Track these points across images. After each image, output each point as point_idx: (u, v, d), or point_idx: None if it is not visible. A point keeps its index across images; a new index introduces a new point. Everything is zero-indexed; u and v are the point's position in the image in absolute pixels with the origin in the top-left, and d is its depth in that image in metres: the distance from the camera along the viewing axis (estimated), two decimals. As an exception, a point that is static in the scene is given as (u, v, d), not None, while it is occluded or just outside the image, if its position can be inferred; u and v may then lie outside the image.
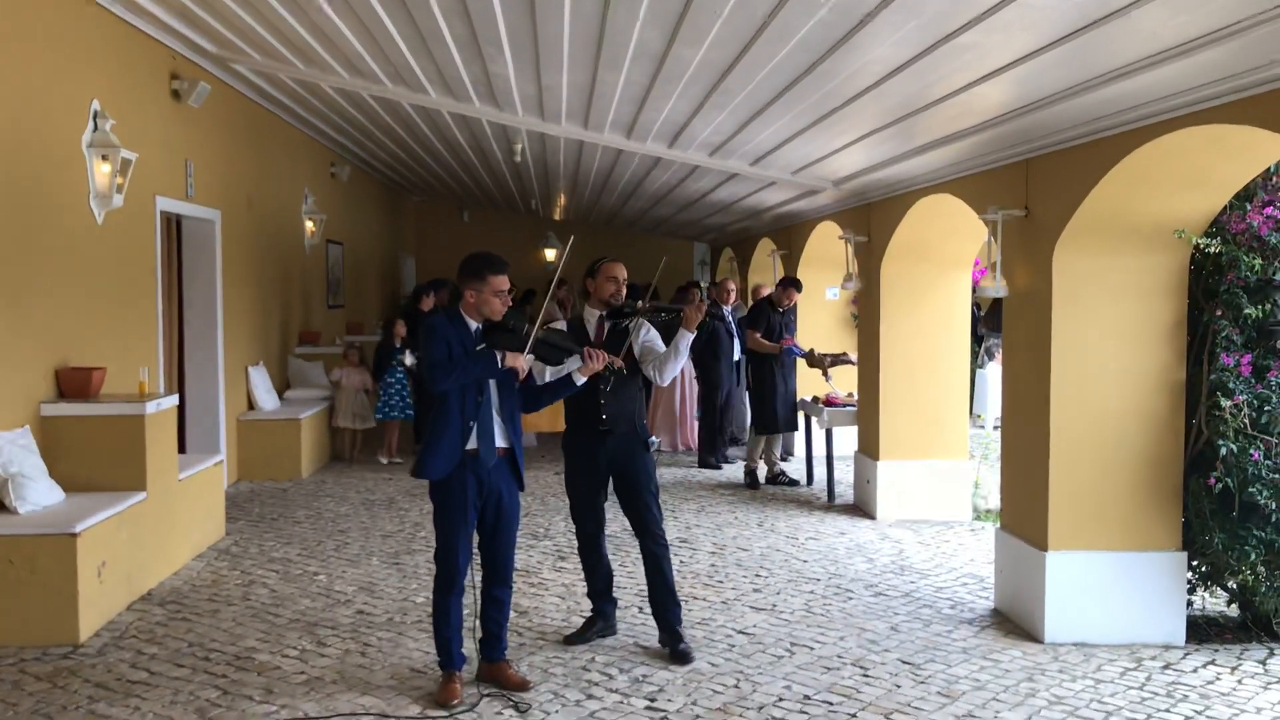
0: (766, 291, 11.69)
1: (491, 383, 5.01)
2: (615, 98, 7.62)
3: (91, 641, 5.81)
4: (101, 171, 7.11)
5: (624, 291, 5.82)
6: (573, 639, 5.85)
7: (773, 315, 10.80)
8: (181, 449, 8.99)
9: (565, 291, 17.67)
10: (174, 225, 9.48)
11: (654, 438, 5.95)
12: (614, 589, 6.06)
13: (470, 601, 5.22)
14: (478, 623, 5.26)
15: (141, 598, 6.61)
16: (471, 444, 4.96)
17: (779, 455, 11.12)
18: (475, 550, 5.15)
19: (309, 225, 13.15)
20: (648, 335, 5.81)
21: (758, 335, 10.70)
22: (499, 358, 4.91)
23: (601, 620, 5.96)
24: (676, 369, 5.71)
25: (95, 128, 7.09)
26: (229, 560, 7.56)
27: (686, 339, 5.58)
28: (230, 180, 10.22)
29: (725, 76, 6.35)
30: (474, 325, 5.04)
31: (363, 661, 5.55)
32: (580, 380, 5.23)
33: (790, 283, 10.97)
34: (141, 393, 7.04)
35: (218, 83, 9.56)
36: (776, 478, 10.81)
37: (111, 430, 6.64)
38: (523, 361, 4.99)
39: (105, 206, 7.24)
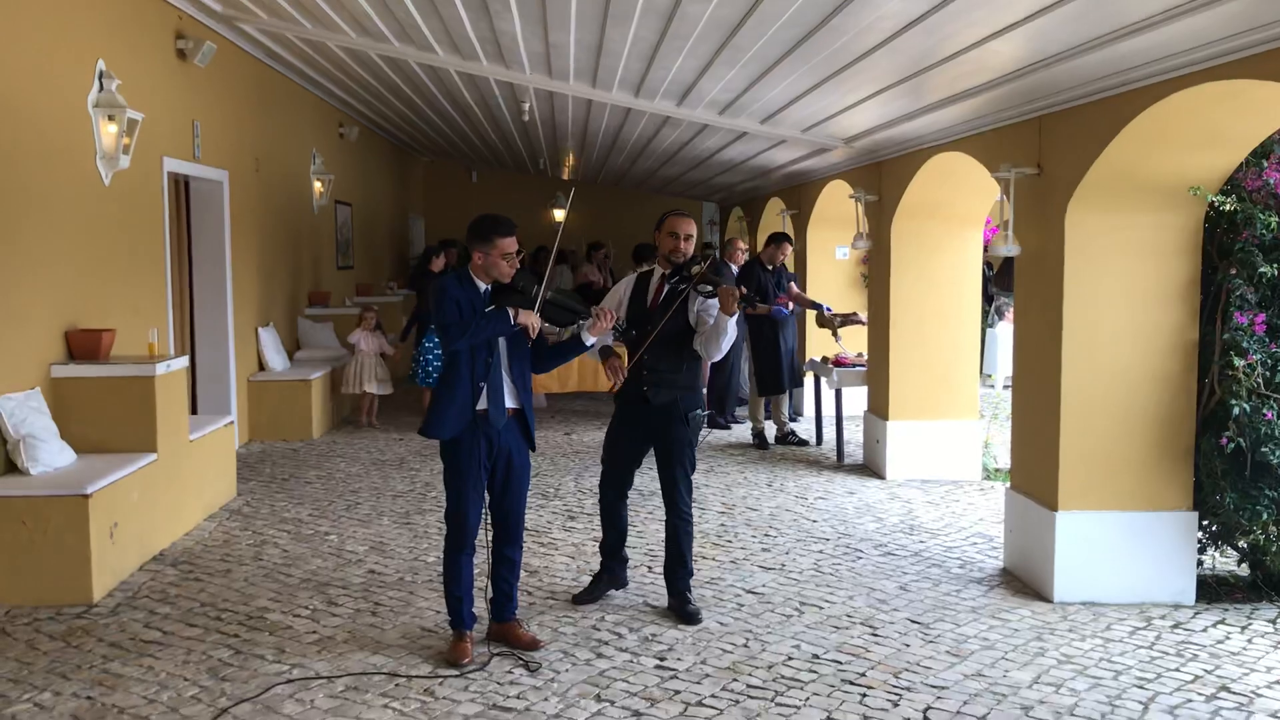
0: (742, 254, 11.59)
1: (501, 343, 4.99)
2: (623, 55, 7.55)
3: (105, 601, 5.86)
4: (108, 132, 7.07)
5: (685, 248, 5.60)
6: (581, 598, 5.87)
7: (763, 274, 10.66)
8: (192, 410, 9.04)
9: (605, 254, 17.57)
10: (182, 186, 9.45)
11: (701, 410, 5.76)
12: (625, 548, 6.04)
13: (481, 561, 5.24)
14: (488, 582, 5.28)
15: (154, 558, 6.65)
16: (481, 404, 4.96)
17: (788, 415, 11.11)
18: (486, 510, 5.17)
19: (317, 186, 13.12)
20: (704, 305, 5.56)
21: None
22: (511, 315, 4.90)
23: (608, 575, 5.95)
24: (721, 350, 5.50)
25: (101, 88, 7.05)
26: (241, 520, 7.60)
27: (727, 323, 5.37)
28: (238, 141, 10.18)
29: (735, 33, 6.28)
30: (483, 287, 5.02)
31: (374, 621, 5.58)
32: (590, 341, 5.21)
33: (780, 238, 10.80)
34: (151, 354, 7.05)
35: (224, 42, 9.50)
36: (786, 437, 10.80)
37: (122, 391, 6.65)
38: (535, 319, 4.97)
39: (112, 167, 7.21)
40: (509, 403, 5.04)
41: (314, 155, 13.08)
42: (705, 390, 11.86)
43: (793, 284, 10.93)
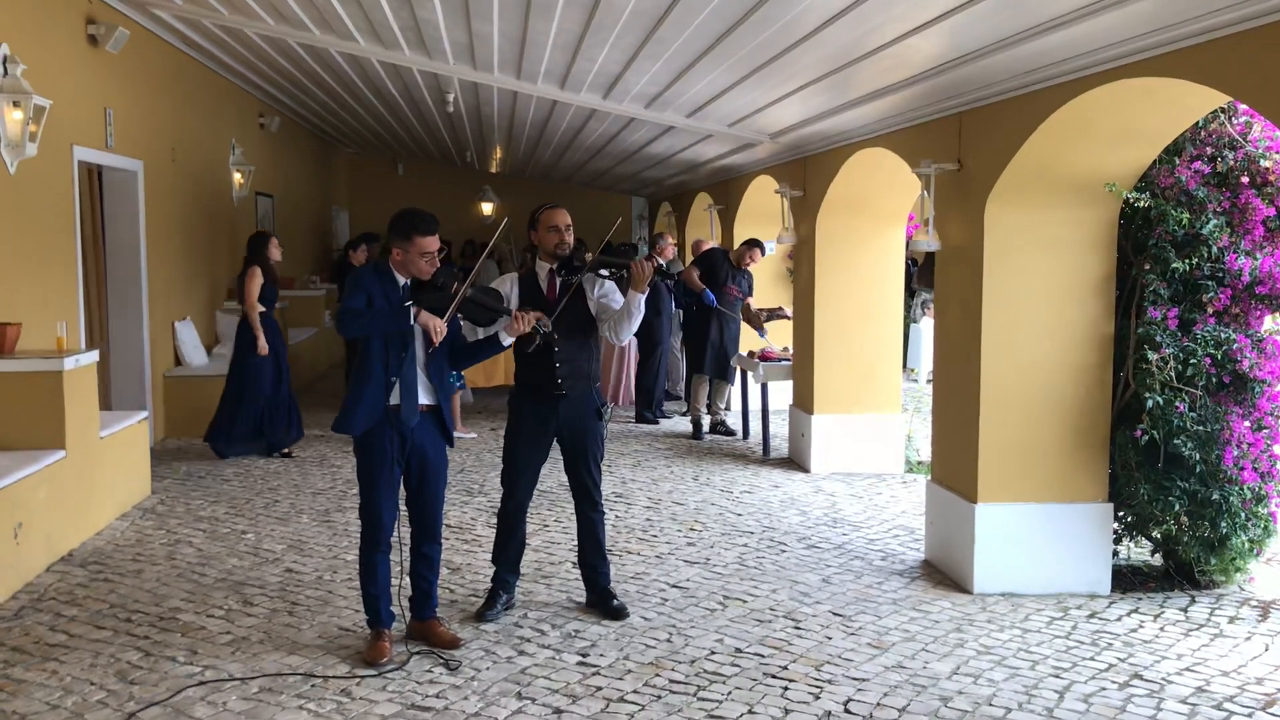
0: (707, 246, 11.62)
1: (416, 339, 4.89)
2: (548, 46, 7.48)
3: (8, 604, 5.66)
4: (12, 119, 6.84)
5: (569, 239, 5.46)
6: (486, 616, 5.51)
7: (730, 269, 10.65)
8: (106, 406, 8.79)
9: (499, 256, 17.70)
10: (94, 176, 9.18)
11: (609, 404, 5.72)
12: (528, 551, 5.79)
13: (400, 558, 5.15)
14: (408, 580, 5.19)
15: (62, 559, 6.44)
16: (394, 399, 4.86)
17: (723, 405, 11.15)
18: (404, 507, 5.08)
19: (237, 177, 12.84)
20: (603, 290, 5.50)
21: (695, 274, 10.61)
22: (412, 314, 4.80)
23: (505, 593, 5.64)
24: (632, 329, 5.43)
25: (5, 73, 6.81)
26: (154, 519, 7.41)
27: (637, 299, 5.31)
28: (153, 130, 9.92)
29: (659, 25, 6.24)
30: (402, 281, 4.92)
31: (290, 621, 5.46)
32: (507, 341, 5.10)
33: (754, 243, 10.74)
34: (59, 348, 6.84)
35: (138, 28, 9.25)
36: (716, 427, 10.90)
37: (28, 387, 6.44)
38: (439, 324, 4.83)
39: (18, 155, 6.97)
40: (423, 399, 4.94)
41: (233, 145, 12.80)
42: (634, 386, 11.89)
43: (750, 300, 10.93)
